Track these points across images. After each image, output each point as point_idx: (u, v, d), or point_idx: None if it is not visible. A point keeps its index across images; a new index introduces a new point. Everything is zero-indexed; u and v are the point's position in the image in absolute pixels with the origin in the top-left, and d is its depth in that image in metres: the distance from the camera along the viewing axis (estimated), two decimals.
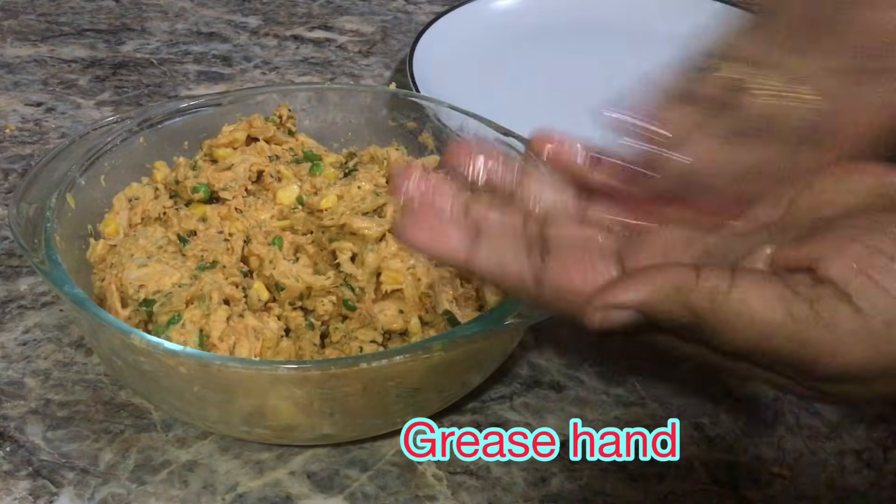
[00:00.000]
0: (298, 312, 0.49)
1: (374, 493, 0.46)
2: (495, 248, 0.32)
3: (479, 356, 0.47)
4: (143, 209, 0.54)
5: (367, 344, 0.47)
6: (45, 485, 0.46)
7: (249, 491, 0.46)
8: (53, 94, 0.78)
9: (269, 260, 0.50)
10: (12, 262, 0.60)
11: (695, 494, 0.46)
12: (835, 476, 0.48)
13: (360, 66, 0.84)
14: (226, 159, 0.55)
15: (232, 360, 0.43)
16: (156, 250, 0.50)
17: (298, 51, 0.87)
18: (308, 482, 0.46)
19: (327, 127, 0.61)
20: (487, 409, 0.51)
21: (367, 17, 0.93)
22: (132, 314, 0.47)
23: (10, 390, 0.51)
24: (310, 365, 0.43)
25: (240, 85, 0.81)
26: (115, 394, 0.51)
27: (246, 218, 0.53)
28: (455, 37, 0.80)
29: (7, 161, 0.69)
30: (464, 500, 0.46)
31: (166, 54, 0.85)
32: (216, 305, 0.47)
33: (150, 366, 0.43)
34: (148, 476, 0.46)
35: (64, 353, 0.53)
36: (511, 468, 0.47)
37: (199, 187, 0.54)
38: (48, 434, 0.48)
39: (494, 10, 0.86)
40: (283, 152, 0.58)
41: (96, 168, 0.53)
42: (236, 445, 0.48)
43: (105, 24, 0.90)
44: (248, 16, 0.93)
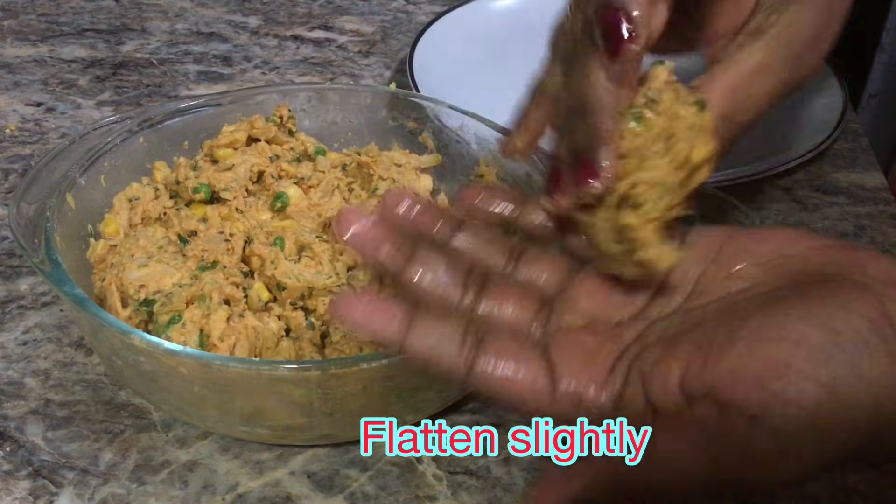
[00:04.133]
0: (299, 312, 0.49)
1: (374, 493, 0.46)
2: (430, 331, 0.32)
3: None
4: (144, 209, 0.54)
5: (367, 344, 0.47)
6: (45, 485, 0.46)
7: (249, 491, 0.46)
8: (53, 94, 0.78)
9: (271, 260, 0.50)
10: (12, 262, 0.60)
11: None
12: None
13: (360, 66, 0.85)
14: (227, 160, 0.55)
15: (232, 360, 0.43)
16: (156, 250, 0.50)
17: (298, 51, 0.87)
18: (308, 482, 0.46)
19: (327, 127, 0.61)
20: (487, 408, 0.51)
21: (367, 17, 0.93)
22: (132, 314, 0.47)
23: (10, 390, 0.51)
24: (310, 365, 0.43)
25: (240, 85, 0.81)
26: (115, 394, 0.51)
27: (247, 218, 0.53)
28: (455, 37, 0.80)
29: (7, 161, 0.69)
30: (464, 500, 0.46)
31: (166, 54, 0.85)
32: (216, 305, 0.47)
33: (150, 366, 0.43)
34: (148, 476, 0.46)
35: (64, 353, 0.53)
36: (511, 468, 0.47)
37: (200, 188, 0.54)
38: (48, 434, 0.48)
39: (494, 10, 0.85)
40: (283, 152, 0.58)
41: (96, 168, 0.53)
42: (236, 445, 0.48)
43: (105, 24, 0.90)
44: (248, 16, 0.93)
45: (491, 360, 0.32)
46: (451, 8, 0.83)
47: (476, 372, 0.32)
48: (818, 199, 0.67)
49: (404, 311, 0.32)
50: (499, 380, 0.32)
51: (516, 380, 0.32)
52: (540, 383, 0.32)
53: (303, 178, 0.56)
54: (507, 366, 0.32)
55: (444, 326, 0.32)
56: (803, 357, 0.28)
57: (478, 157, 0.58)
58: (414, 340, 0.32)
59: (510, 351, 0.32)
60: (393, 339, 0.32)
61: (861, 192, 0.68)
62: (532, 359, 0.32)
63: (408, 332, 0.32)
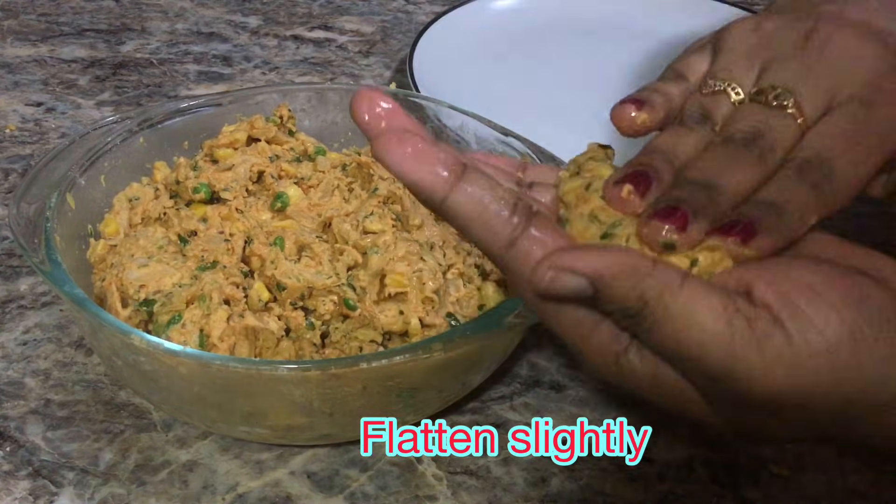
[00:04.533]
0: (299, 312, 0.49)
1: (374, 493, 0.46)
2: (479, 190, 0.30)
3: (479, 356, 0.47)
4: (144, 209, 0.54)
5: (367, 344, 0.47)
6: (45, 485, 0.46)
7: (249, 491, 0.46)
8: (53, 94, 0.78)
9: (271, 260, 0.50)
10: (12, 262, 0.60)
11: (695, 494, 0.46)
12: (835, 476, 0.48)
13: (360, 66, 0.85)
14: (227, 160, 0.55)
15: (232, 360, 0.43)
16: (156, 250, 0.50)
17: (298, 51, 0.87)
18: (308, 482, 0.46)
19: (327, 127, 0.61)
20: (487, 409, 0.51)
21: (367, 17, 0.93)
22: (132, 314, 0.47)
23: (10, 390, 0.51)
24: (310, 365, 0.43)
25: (240, 85, 0.81)
26: (115, 394, 0.51)
27: (247, 218, 0.53)
28: (455, 37, 0.80)
29: (7, 161, 0.69)
30: (464, 500, 0.46)
31: (166, 54, 0.85)
32: (216, 305, 0.47)
33: (150, 366, 0.43)
34: (148, 476, 0.46)
35: (64, 353, 0.53)
36: (511, 468, 0.47)
37: (200, 187, 0.54)
38: (48, 434, 0.48)
39: (494, 10, 0.85)
40: (283, 152, 0.58)
41: (96, 168, 0.53)
42: (236, 445, 0.48)
43: (105, 24, 0.90)
44: (248, 16, 0.93)
45: (538, 240, 0.29)
46: (451, 8, 0.83)
47: (518, 247, 0.30)
48: None
49: (457, 159, 0.30)
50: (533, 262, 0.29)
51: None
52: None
53: (303, 178, 0.56)
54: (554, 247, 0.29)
55: (498, 189, 0.30)
56: (832, 293, 0.29)
57: None
58: (461, 194, 0.29)
59: (561, 234, 0.30)
60: (438, 191, 0.29)
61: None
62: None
63: (457, 183, 0.29)
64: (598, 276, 0.28)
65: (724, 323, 0.28)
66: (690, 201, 0.31)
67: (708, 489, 0.47)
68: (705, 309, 0.28)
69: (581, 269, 0.28)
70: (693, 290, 0.28)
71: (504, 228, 0.30)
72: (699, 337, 0.28)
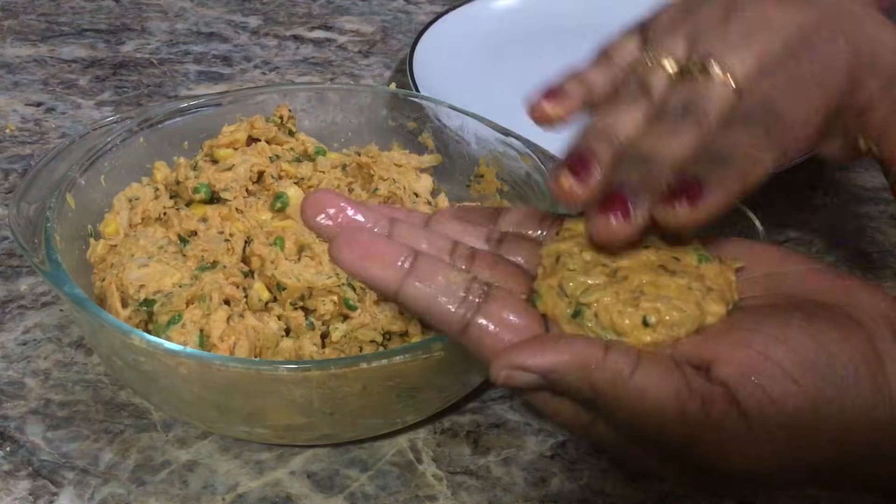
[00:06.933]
0: (299, 312, 0.49)
1: (374, 493, 0.46)
2: (428, 282, 0.30)
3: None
4: (144, 209, 0.54)
5: (367, 344, 0.47)
6: (45, 485, 0.46)
7: (249, 491, 0.46)
8: (53, 94, 0.78)
9: (271, 260, 0.50)
10: (12, 262, 0.60)
11: (695, 494, 0.46)
12: None
13: (360, 66, 0.85)
14: (227, 160, 0.55)
15: (232, 360, 0.43)
16: (156, 250, 0.50)
17: (298, 51, 0.87)
18: (308, 482, 0.46)
19: (327, 127, 0.61)
20: (487, 409, 0.51)
21: (367, 17, 0.93)
22: (132, 314, 0.47)
23: (10, 390, 0.51)
24: (310, 365, 0.43)
25: (240, 85, 0.81)
26: (115, 394, 0.51)
27: (247, 218, 0.53)
28: (455, 37, 0.80)
29: (7, 161, 0.69)
30: (464, 500, 0.46)
31: (166, 54, 0.85)
32: (216, 305, 0.47)
33: (150, 366, 0.43)
34: (148, 476, 0.46)
35: (64, 353, 0.53)
36: (511, 468, 0.47)
37: (200, 188, 0.54)
38: (48, 434, 0.48)
39: (494, 10, 0.85)
40: (283, 152, 0.58)
41: (96, 168, 0.53)
42: (236, 445, 0.48)
43: (105, 24, 0.90)
44: (248, 16, 0.93)
45: (487, 327, 0.30)
46: (451, 8, 0.83)
47: (471, 333, 0.30)
48: (818, 199, 0.67)
49: (407, 251, 0.31)
50: (491, 347, 0.30)
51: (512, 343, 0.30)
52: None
53: (303, 178, 0.56)
54: (506, 336, 0.30)
55: (450, 274, 0.31)
56: (794, 361, 0.28)
57: (478, 157, 0.58)
58: (409, 289, 0.30)
59: (509, 324, 0.31)
60: (389, 286, 0.30)
61: (861, 192, 0.68)
62: (535, 325, 0.31)
63: (406, 279, 0.30)
64: (550, 371, 0.29)
65: (676, 410, 0.28)
66: (628, 182, 0.31)
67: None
68: (659, 396, 0.28)
69: (532, 366, 0.29)
70: (644, 377, 0.28)
71: (453, 318, 0.30)
72: (656, 421, 0.28)
